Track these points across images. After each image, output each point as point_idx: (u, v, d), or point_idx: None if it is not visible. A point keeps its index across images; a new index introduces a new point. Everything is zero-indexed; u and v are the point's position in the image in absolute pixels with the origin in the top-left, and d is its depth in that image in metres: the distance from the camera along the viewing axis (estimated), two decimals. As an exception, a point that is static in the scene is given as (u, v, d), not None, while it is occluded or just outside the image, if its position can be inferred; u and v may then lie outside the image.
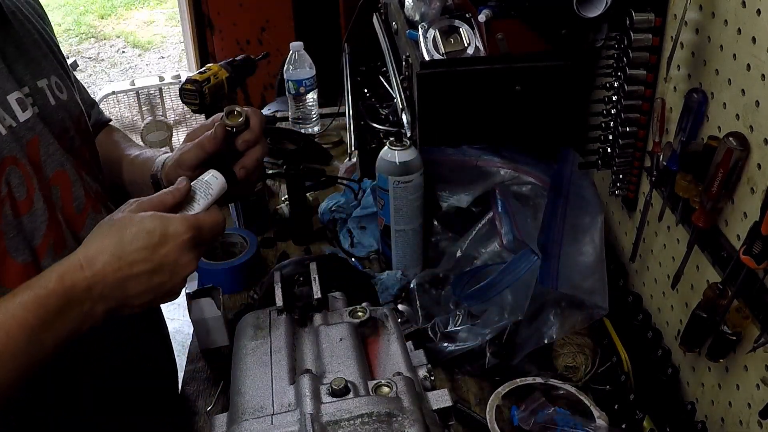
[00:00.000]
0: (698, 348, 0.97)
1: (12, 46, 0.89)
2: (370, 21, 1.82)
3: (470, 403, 1.12)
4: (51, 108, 0.91)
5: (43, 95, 0.91)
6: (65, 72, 1.00)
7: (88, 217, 0.93)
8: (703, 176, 0.89)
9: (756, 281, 0.83)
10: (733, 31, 0.86)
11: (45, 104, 0.91)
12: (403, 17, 1.45)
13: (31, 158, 0.85)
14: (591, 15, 1.08)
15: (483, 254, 1.26)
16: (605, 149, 1.17)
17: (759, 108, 0.82)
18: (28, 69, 0.90)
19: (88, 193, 0.95)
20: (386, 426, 0.67)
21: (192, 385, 1.21)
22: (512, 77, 1.28)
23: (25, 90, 0.88)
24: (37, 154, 0.86)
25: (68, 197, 0.91)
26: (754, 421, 0.88)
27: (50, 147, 0.89)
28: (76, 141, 0.96)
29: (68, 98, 0.96)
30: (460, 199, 1.30)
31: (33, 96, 0.89)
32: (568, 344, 1.14)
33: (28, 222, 0.84)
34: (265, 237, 1.56)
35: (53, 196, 0.88)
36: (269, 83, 3.27)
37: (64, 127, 0.94)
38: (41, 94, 0.91)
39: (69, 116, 0.95)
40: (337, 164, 1.84)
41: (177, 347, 1.33)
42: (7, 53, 0.88)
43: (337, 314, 0.88)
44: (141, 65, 6.15)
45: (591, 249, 1.16)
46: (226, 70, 1.63)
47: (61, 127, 0.93)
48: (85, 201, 0.93)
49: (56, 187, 0.89)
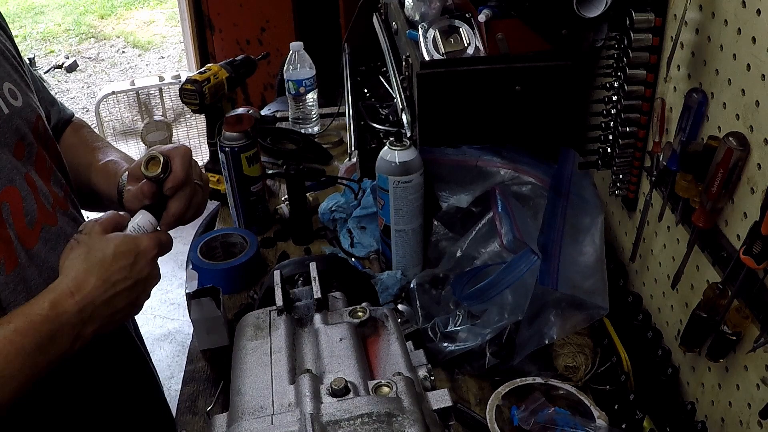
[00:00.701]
0: (698, 348, 0.97)
1: None
2: (370, 21, 1.82)
3: (470, 403, 1.12)
4: (4, 117, 0.90)
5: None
6: (20, 76, 0.98)
7: (42, 230, 0.92)
8: (703, 176, 0.89)
9: (756, 281, 0.83)
10: (733, 31, 0.86)
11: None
12: (403, 17, 1.45)
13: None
14: (591, 15, 1.08)
15: (483, 254, 1.26)
16: (605, 149, 1.17)
17: (759, 108, 0.82)
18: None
19: (42, 205, 0.93)
20: (386, 426, 0.67)
21: (192, 385, 1.21)
22: (512, 77, 1.28)
23: None
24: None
25: (19, 213, 0.89)
26: (754, 421, 0.88)
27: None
28: (34, 147, 0.95)
29: (23, 104, 0.94)
30: (460, 199, 1.30)
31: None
32: (568, 344, 1.14)
33: None
34: (265, 237, 1.56)
35: (3, 213, 0.87)
36: (269, 83, 3.27)
37: (20, 135, 0.92)
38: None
39: (25, 122, 0.94)
40: (337, 164, 1.84)
41: (177, 347, 1.34)
42: None
43: (337, 314, 0.88)
44: (141, 65, 6.15)
45: (591, 249, 1.16)
46: (226, 70, 1.63)
47: (16, 135, 0.91)
48: (38, 215, 0.92)
49: (5, 203, 0.87)
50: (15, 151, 0.91)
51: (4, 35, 1.01)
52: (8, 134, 0.90)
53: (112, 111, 3.76)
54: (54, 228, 0.94)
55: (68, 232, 0.96)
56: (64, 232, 0.96)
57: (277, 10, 3.21)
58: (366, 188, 1.54)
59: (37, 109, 0.99)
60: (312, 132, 2.00)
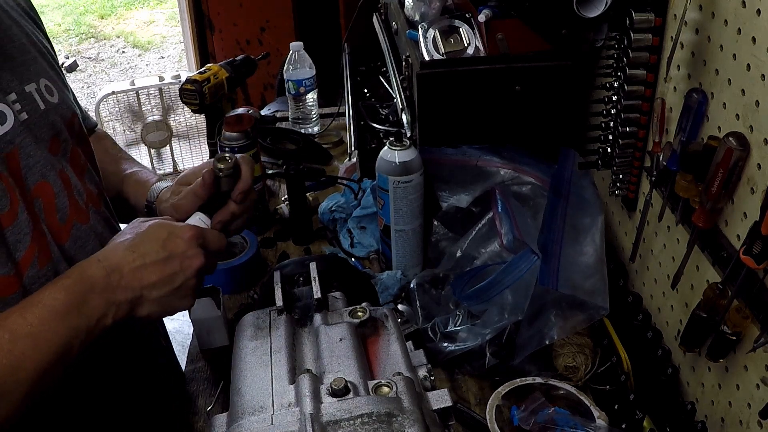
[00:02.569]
0: (698, 348, 0.97)
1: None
2: (370, 21, 1.83)
3: (470, 403, 1.12)
4: (41, 112, 0.91)
5: (32, 100, 0.90)
6: (57, 74, 0.99)
7: (73, 227, 0.93)
8: (703, 176, 0.89)
9: (756, 281, 0.83)
10: (733, 31, 0.86)
11: (34, 109, 0.90)
12: (403, 17, 1.45)
13: (12, 170, 0.85)
14: (591, 15, 1.08)
15: (483, 254, 1.26)
16: (605, 149, 1.17)
17: (759, 108, 0.82)
18: (15, 75, 0.89)
19: (75, 201, 0.94)
20: (386, 426, 0.67)
21: (192, 385, 1.21)
22: (512, 77, 1.28)
23: (12, 97, 0.87)
24: (18, 166, 0.86)
25: (51, 208, 0.90)
26: (754, 421, 0.88)
27: (31, 159, 0.88)
28: (69, 143, 0.96)
29: (59, 101, 0.95)
30: (460, 199, 1.30)
31: (21, 102, 0.88)
32: (568, 344, 1.14)
33: (10, 234, 0.83)
34: (265, 237, 1.56)
35: (36, 208, 0.88)
36: (269, 83, 3.27)
37: (56, 130, 0.93)
38: (29, 99, 0.90)
39: (61, 118, 0.95)
40: (337, 164, 1.84)
41: (177, 347, 1.33)
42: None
43: (337, 314, 0.88)
44: (141, 65, 6.15)
45: (591, 249, 1.16)
46: (226, 70, 1.63)
47: (51, 130, 0.92)
48: (70, 211, 0.93)
49: (39, 198, 0.88)
50: (50, 146, 0.92)
51: (40, 33, 1.02)
52: (44, 129, 0.91)
53: (112, 111, 3.76)
54: (84, 226, 0.95)
55: (99, 231, 0.97)
56: (94, 231, 0.96)
57: (277, 10, 3.20)
58: (366, 188, 1.54)
59: (73, 106, 1.00)
60: (312, 132, 2.00)
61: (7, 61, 0.89)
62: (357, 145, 1.69)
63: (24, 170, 0.87)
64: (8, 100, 0.87)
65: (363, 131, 1.70)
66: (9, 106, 0.86)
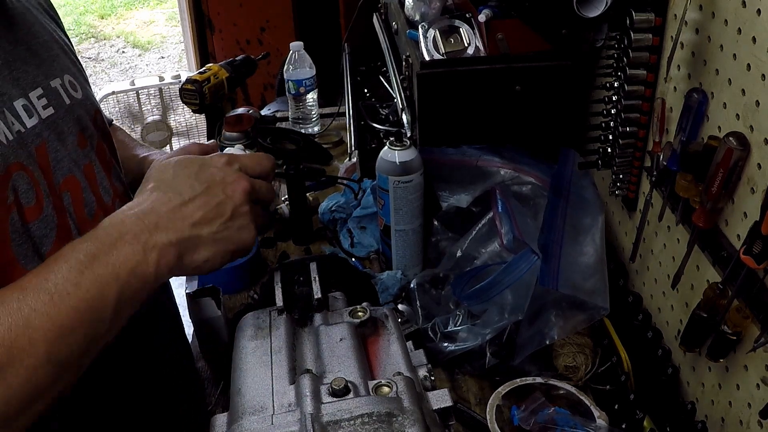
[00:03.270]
0: (698, 348, 0.97)
1: (22, 48, 0.89)
2: (370, 21, 1.83)
3: (470, 403, 1.12)
4: (66, 107, 0.91)
5: (58, 95, 0.91)
6: (78, 71, 1.00)
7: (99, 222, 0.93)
8: (703, 176, 0.89)
9: (756, 281, 0.83)
10: (733, 31, 0.86)
11: (60, 103, 0.90)
12: (403, 17, 1.45)
13: (41, 164, 0.84)
14: (591, 15, 1.08)
15: (483, 254, 1.26)
16: (605, 149, 1.17)
17: (759, 108, 0.82)
18: (41, 70, 0.90)
19: (101, 197, 0.93)
20: (386, 426, 0.67)
21: (192, 385, 1.21)
22: (512, 77, 1.28)
23: (38, 91, 0.87)
24: (47, 160, 0.85)
25: (79, 203, 0.89)
26: (754, 421, 0.88)
27: (59, 153, 0.88)
28: (94, 139, 0.96)
29: (83, 96, 0.96)
30: (460, 199, 1.30)
31: (47, 96, 0.88)
32: (568, 344, 1.14)
33: (36, 229, 0.82)
34: (265, 237, 1.56)
35: (64, 202, 0.87)
36: (269, 83, 3.27)
37: (82, 126, 0.93)
38: (55, 94, 0.90)
39: (86, 114, 0.95)
40: (337, 164, 1.84)
41: (177, 347, 1.34)
42: (15, 57, 0.87)
43: (337, 314, 0.88)
44: (141, 65, 6.15)
45: (591, 249, 1.16)
46: (226, 70, 1.64)
47: (78, 125, 0.92)
48: (96, 207, 0.92)
49: (66, 192, 0.87)
50: (78, 141, 0.92)
51: (60, 30, 1.02)
52: (70, 124, 0.91)
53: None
54: None
55: None
56: None
57: (277, 10, 3.20)
58: (366, 188, 1.54)
59: (96, 102, 1.00)
60: (312, 132, 2.00)
61: (32, 57, 0.90)
62: (357, 145, 1.69)
63: (53, 163, 0.86)
64: (34, 95, 0.86)
65: (363, 131, 1.70)
66: (35, 100, 0.86)
